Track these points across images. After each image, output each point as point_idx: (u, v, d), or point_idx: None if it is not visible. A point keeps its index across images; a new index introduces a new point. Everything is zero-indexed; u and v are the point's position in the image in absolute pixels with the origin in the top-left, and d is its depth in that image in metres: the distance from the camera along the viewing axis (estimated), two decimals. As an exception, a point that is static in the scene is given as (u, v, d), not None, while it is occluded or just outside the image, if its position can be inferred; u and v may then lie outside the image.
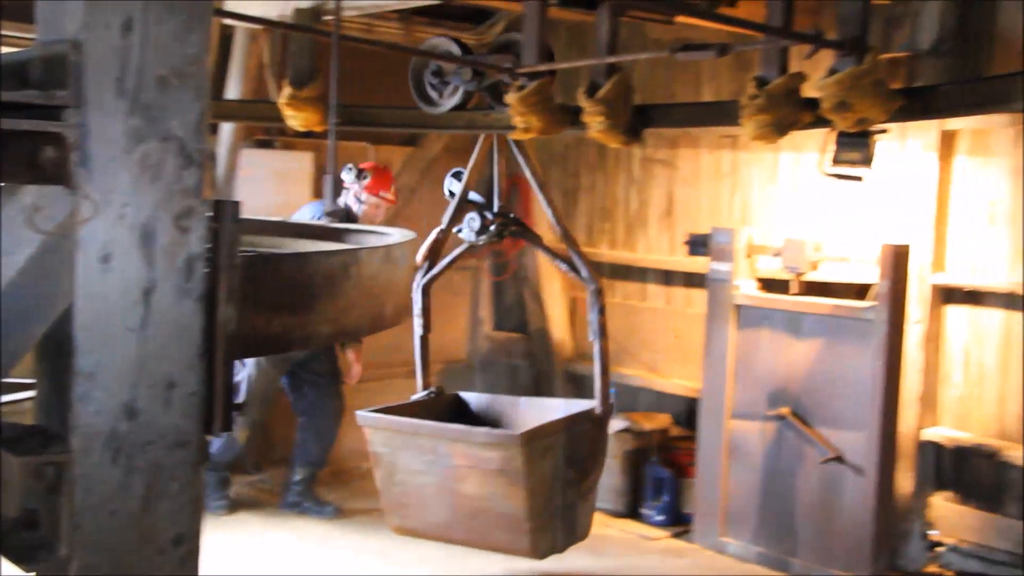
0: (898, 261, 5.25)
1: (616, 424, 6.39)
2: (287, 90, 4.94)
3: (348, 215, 5.96)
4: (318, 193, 6.42)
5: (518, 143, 5.36)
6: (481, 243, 5.27)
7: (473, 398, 5.63)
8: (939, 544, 5.63)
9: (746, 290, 5.73)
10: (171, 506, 1.70)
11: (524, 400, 5.59)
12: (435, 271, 5.39)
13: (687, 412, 6.71)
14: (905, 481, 5.55)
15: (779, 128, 4.23)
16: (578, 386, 7.28)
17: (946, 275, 5.61)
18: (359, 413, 4.97)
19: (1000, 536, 5.44)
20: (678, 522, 6.12)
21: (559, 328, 7.28)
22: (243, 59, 6.32)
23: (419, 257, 5.40)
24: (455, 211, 5.29)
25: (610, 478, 6.40)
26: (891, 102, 3.92)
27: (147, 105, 1.57)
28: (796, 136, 5.80)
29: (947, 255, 5.65)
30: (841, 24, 4.02)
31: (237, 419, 6.14)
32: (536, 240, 5.52)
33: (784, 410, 5.53)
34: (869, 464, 5.25)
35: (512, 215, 5.38)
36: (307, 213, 6.01)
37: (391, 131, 6.99)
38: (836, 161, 5.24)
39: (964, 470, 5.64)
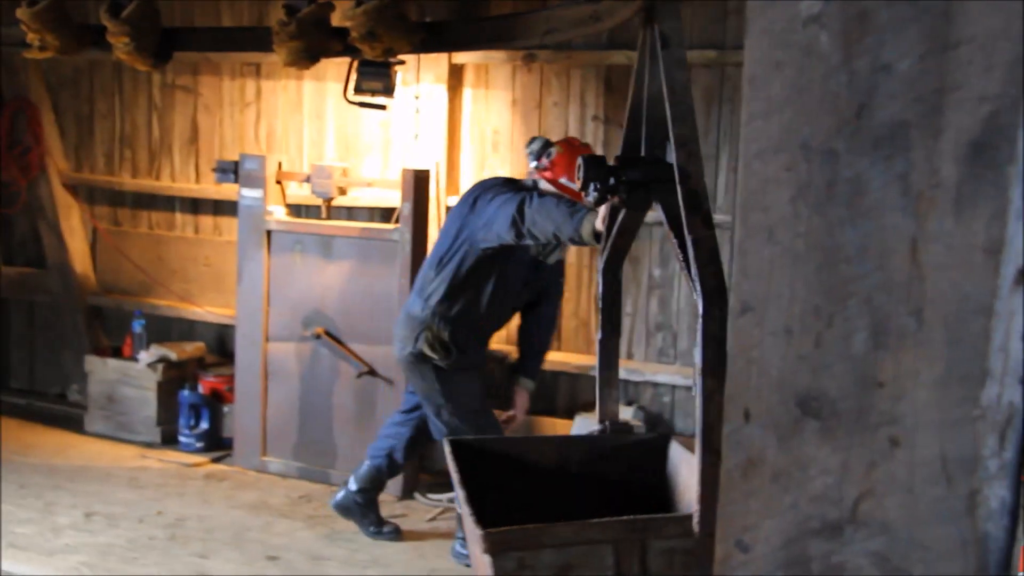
0: (419, 185, 5.63)
1: (148, 355, 6.29)
2: None
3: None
4: None
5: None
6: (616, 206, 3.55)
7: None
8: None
9: (278, 216, 5.86)
10: None
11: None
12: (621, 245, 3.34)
13: (220, 339, 6.76)
14: (430, 388, 6.03)
15: (310, 55, 4.38)
16: (102, 319, 7.03)
17: (458, 197, 6.11)
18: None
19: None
20: (218, 447, 6.18)
21: (80, 261, 6.94)
22: None
23: (598, 222, 3.63)
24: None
25: (145, 409, 6.32)
26: (414, 34, 4.22)
27: None
28: (317, 65, 6.00)
29: (460, 179, 6.15)
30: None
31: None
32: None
33: (319, 330, 5.76)
34: (398, 376, 5.63)
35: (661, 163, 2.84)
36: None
37: None
38: (359, 90, 5.50)
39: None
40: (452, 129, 6.07)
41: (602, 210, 3.46)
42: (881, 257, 0.85)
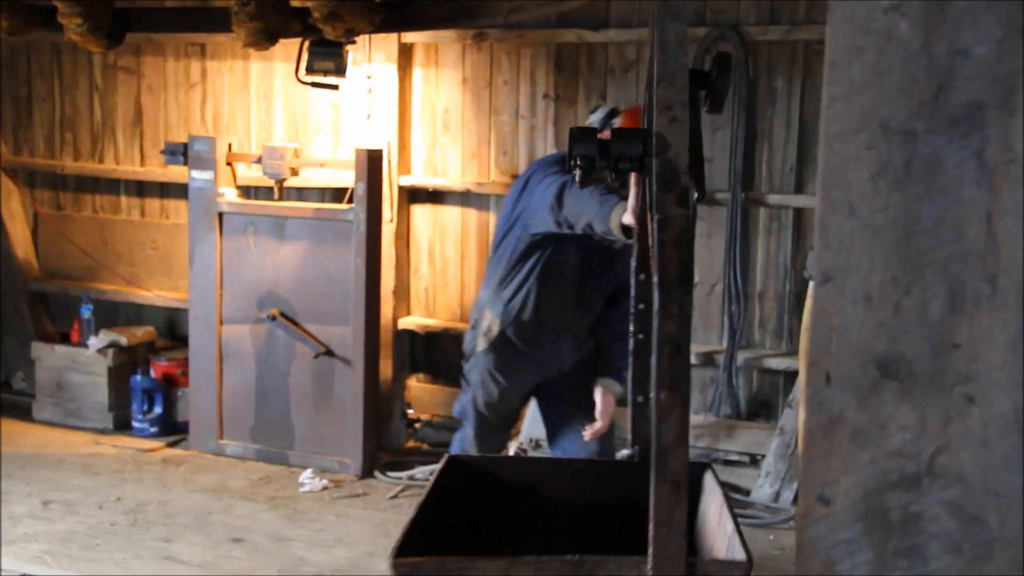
0: (372, 164, 5.63)
1: (98, 341, 6.22)
2: None
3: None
4: None
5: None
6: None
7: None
8: (416, 421, 6.25)
9: (229, 197, 5.82)
10: None
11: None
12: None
13: (169, 322, 6.70)
14: (386, 368, 6.05)
15: (269, 36, 4.37)
16: (46, 305, 6.93)
17: (411, 177, 6.14)
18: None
19: (466, 407, 6.17)
20: (173, 432, 6.14)
21: (22, 247, 6.82)
22: None
23: (627, 215, 3.30)
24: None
25: (96, 395, 6.25)
26: (376, 14, 4.23)
27: None
28: (265, 45, 5.96)
29: (411, 159, 6.17)
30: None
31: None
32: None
33: (274, 311, 5.74)
34: (356, 355, 5.65)
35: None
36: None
37: None
38: (311, 70, 5.48)
39: (434, 353, 6.29)
40: (403, 108, 6.08)
41: (631, 201, 3.14)
42: (958, 229, 0.92)
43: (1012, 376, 0.91)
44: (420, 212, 6.22)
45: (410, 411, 6.25)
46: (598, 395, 4.10)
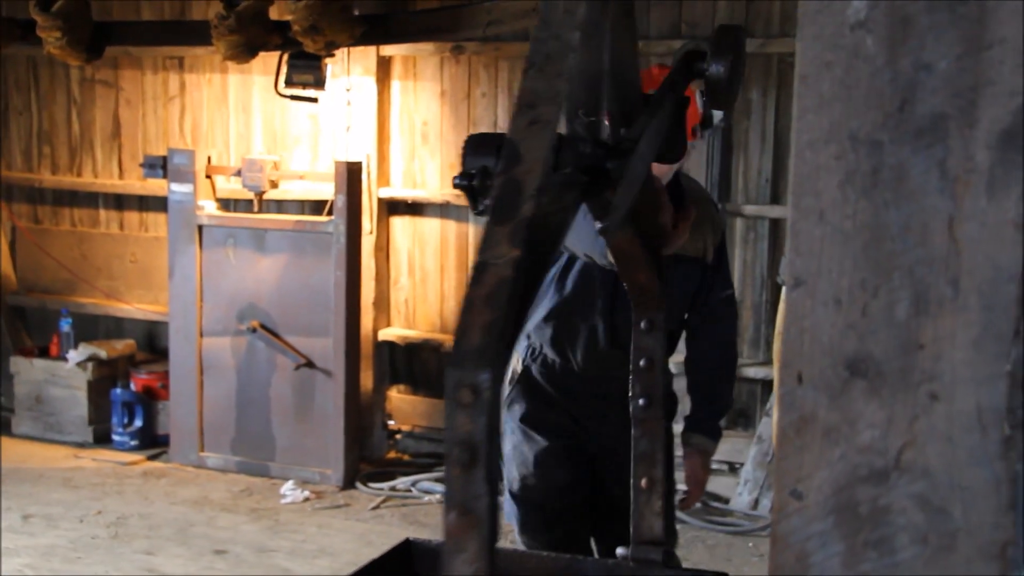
0: (352, 177, 5.67)
1: (78, 354, 6.21)
2: None
3: None
4: None
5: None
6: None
7: None
8: (397, 432, 6.27)
9: (209, 210, 5.84)
10: None
11: None
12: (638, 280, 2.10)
13: (149, 335, 6.70)
14: (366, 379, 6.07)
15: (249, 49, 4.41)
16: (24, 319, 6.92)
17: (390, 189, 6.17)
18: None
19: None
20: (153, 444, 6.14)
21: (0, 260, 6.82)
22: None
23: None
24: None
25: (75, 409, 6.24)
26: (356, 27, 4.27)
27: None
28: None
29: (390, 171, 6.20)
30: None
31: None
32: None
33: (254, 323, 5.76)
34: (336, 367, 5.68)
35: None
36: None
37: None
38: (290, 83, 5.52)
39: (414, 364, 6.32)
40: (381, 121, 6.12)
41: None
42: (922, 234, 0.96)
43: (974, 374, 0.96)
44: (399, 224, 6.25)
45: (391, 422, 6.27)
46: (687, 459, 3.14)
